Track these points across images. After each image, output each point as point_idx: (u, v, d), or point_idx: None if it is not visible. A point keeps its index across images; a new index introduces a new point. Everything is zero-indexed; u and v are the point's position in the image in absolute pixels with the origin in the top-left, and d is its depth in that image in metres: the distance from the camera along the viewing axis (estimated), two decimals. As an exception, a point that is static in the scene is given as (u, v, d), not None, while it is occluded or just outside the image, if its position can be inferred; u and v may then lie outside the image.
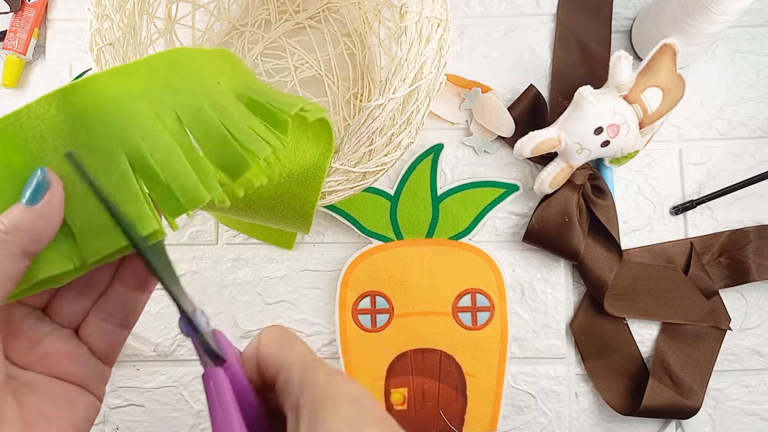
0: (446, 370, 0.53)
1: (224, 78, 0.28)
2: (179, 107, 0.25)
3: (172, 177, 0.23)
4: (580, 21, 0.56)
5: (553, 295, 0.54)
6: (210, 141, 0.25)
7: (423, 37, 0.36)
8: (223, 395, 0.22)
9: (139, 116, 0.23)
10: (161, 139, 0.23)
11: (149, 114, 0.24)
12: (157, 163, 0.23)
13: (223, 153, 0.25)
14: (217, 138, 0.25)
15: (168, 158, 0.23)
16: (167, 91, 0.25)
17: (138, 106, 0.23)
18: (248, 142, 0.26)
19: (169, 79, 0.25)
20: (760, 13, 0.56)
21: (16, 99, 0.57)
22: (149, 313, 0.55)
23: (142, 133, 0.23)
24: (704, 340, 0.52)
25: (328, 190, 0.39)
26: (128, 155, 0.23)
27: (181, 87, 0.25)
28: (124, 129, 0.23)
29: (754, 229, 0.53)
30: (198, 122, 0.25)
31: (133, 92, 0.24)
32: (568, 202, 0.51)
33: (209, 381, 0.23)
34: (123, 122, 0.23)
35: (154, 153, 0.23)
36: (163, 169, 0.23)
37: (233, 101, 0.28)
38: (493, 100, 0.53)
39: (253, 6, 0.57)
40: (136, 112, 0.23)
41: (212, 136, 0.25)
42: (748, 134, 0.55)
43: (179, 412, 0.55)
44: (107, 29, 0.39)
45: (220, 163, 0.25)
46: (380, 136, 0.37)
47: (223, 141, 0.25)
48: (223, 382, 0.22)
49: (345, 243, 0.55)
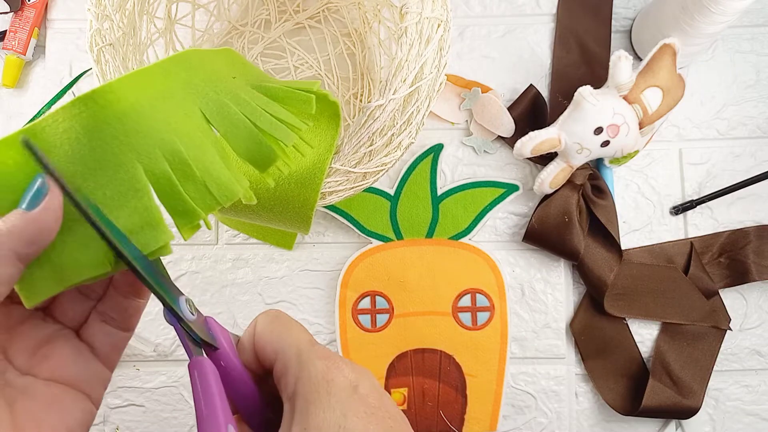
0: (446, 370, 0.53)
1: (237, 73, 0.29)
2: (203, 105, 0.25)
3: (206, 173, 0.23)
4: (580, 21, 0.56)
5: (553, 295, 0.54)
6: (237, 136, 0.25)
7: (423, 38, 0.35)
8: (207, 384, 0.22)
9: (168, 116, 0.23)
10: (194, 137, 0.24)
11: (178, 113, 0.24)
12: (192, 160, 0.23)
13: (250, 146, 0.26)
14: (244, 132, 0.26)
15: (202, 155, 0.23)
16: (189, 90, 0.25)
17: (163, 106, 0.23)
18: (274, 131, 0.26)
19: (189, 78, 0.25)
20: (760, 13, 0.56)
21: (16, 99, 0.57)
22: (149, 313, 0.55)
23: (176, 132, 0.23)
24: (704, 340, 0.52)
25: (329, 191, 0.39)
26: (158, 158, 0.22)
27: (201, 85, 0.25)
28: (150, 133, 0.22)
29: (754, 229, 0.53)
30: (223, 118, 0.25)
31: (154, 95, 0.23)
32: (568, 202, 0.51)
33: (193, 371, 0.22)
34: (148, 127, 0.22)
35: (188, 150, 0.23)
36: (198, 166, 0.23)
37: (252, 92, 0.28)
38: (493, 100, 0.53)
39: (253, 6, 0.57)
40: (164, 113, 0.23)
41: (238, 131, 0.25)
42: (748, 134, 0.55)
43: (179, 412, 0.55)
44: (107, 29, 0.39)
45: (249, 156, 0.26)
46: (380, 137, 0.37)
47: (249, 135, 0.26)
48: (208, 373, 0.22)
49: (345, 243, 0.55)
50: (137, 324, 0.26)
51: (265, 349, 0.23)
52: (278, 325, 0.24)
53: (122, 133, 0.22)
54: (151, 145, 0.22)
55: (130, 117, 0.22)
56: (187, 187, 0.23)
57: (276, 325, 0.24)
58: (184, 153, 0.23)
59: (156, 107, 0.23)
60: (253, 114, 0.26)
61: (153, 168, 0.22)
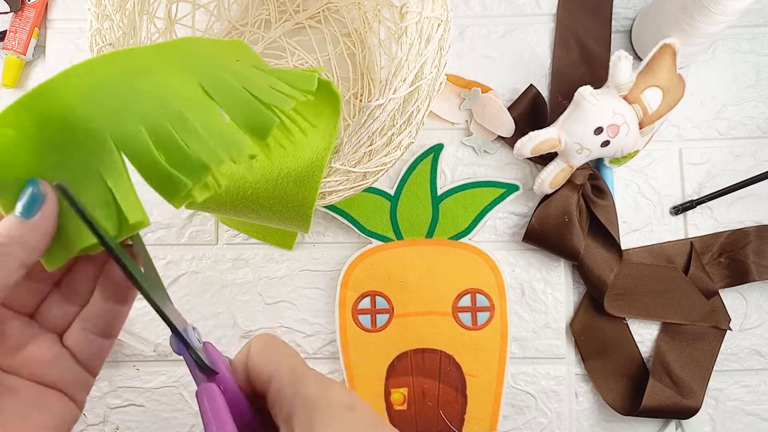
0: (446, 370, 0.53)
1: (241, 57, 0.30)
2: (201, 79, 0.26)
3: (211, 130, 0.24)
4: (580, 21, 0.56)
5: (553, 295, 0.54)
6: (235, 104, 0.26)
7: (423, 38, 0.35)
8: (217, 411, 0.22)
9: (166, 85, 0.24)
10: (193, 99, 0.24)
11: (172, 83, 0.24)
12: (196, 118, 0.24)
13: (248, 114, 0.26)
14: (241, 100, 0.26)
15: (207, 114, 0.24)
16: (187, 66, 0.26)
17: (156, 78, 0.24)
18: (270, 99, 0.27)
19: (187, 57, 0.26)
20: (760, 13, 0.56)
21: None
22: (149, 313, 0.55)
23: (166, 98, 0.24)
24: (704, 340, 0.52)
25: (328, 190, 0.39)
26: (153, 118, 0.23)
27: (200, 62, 0.26)
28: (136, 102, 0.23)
29: (754, 229, 0.53)
30: (221, 90, 0.26)
31: (146, 67, 0.24)
32: (568, 202, 0.51)
33: (203, 397, 0.23)
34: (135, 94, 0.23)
35: (191, 113, 0.24)
36: (203, 125, 0.24)
37: (252, 70, 0.29)
38: (493, 100, 0.53)
39: (253, 6, 0.57)
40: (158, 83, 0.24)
41: (236, 100, 0.26)
42: (748, 134, 0.55)
43: (179, 412, 0.55)
44: (107, 29, 0.39)
45: (247, 125, 0.26)
46: (380, 137, 0.37)
47: (246, 102, 0.26)
48: (217, 398, 0.22)
49: (345, 243, 0.55)
50: (119, 332, 0.27)
51: (259, 372, 0.24)
52: (272, 349, 0.24)
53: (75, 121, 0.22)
54: (101, 130, 0.22)
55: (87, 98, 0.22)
56: (190, 145, 0.23)
57: (270, 348, 0.24)
58: (182, 111, 0.23)
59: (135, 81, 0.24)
60: (251, 86, 0.27)
61: (98, 156, 0.22)
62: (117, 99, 0.23)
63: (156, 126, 0.23)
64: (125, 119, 0.23)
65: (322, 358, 0.55)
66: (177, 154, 0.23)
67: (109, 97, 0.23)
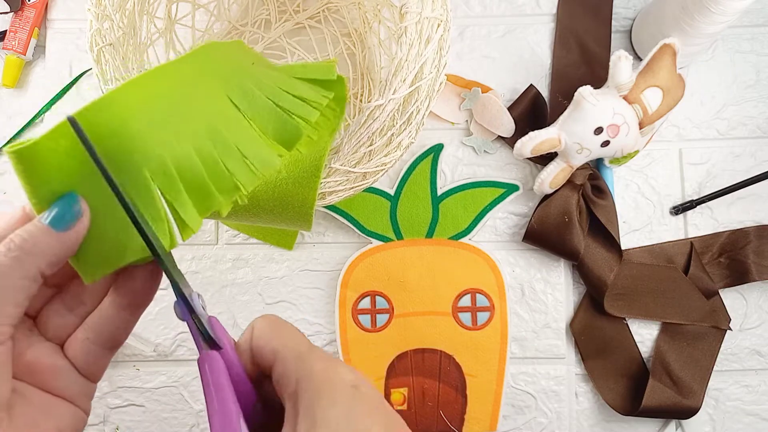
0: (446, 370, 0.53)
1: (254, 60, 0.30)
2: (230, 91, 0.26)
3: (246, 148, 0.25)
4: (580, 21, 0.56)
5: (553, 295, 0.54)
6: (263, 117, 0.27)
7: (423, 38, 0.35)
8: (218, 377, 0.22)
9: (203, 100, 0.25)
10: (229, 117, 0.25)
11: (211, 98, 0.25)
12: (231, 136, 0.24)
13: (277, 127, 0.27)
14: (269, 114, 0.27)
15: (239, 131, 0.25)
16: (216, 78, 0.26)
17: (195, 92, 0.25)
18: (297, 110, 0.28)
19: (216, 68, 0.27)
20: (760, 13, 0.56)
21: (16, 99, 0.57)
22: (149, 313, 0.55)
23: (213, 113, 0.24)
24: (704, 340, 0.52)
25: (328, 191, 0.39)
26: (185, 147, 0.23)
27: (226, 73, 0.27)
28: (183, 121, 0.24)
29: (754, 229, 0.53)
30: (249, 102, 0.27)
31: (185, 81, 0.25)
32: (568, 202, 0.51)
33: (204, 364, 0.23)
34: (181, 113, 0.24)
35: (226, 130, 0.25)
36: (238, 143, 0.25)
37: (271, 74, 0.29)
38: (493, 100, 0.53)
39: (253, 6, 0.57)
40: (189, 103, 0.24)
41: (264, 113, 0.27)
42: (748, 134, 0.55)
43: (179, 412, 0.55)
44: (107, 29, 0.39)
45: (276, 136, 0.27)
46: (380, 137, 0.37)
47: (275, 116, 0.27)
48: (218, 365, 0.22)
49: (345, 243, 0.55)
50: (123, 343, 0.26)
51: (263, 350, 0.23)
52: (276, 328, 0.24)
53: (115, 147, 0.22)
54: (139, 156, 0.22)
55: (127, 125, 0.22)
56: (227, 159, 0.24)
57: (274, 327, 0.24)
58: (220, 129, 0.24)
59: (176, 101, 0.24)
60: (275, 95, 0.28)
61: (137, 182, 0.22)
62: (166, 117, 0.23)
63: (202, 146, 0.24)
64: (177, 139, 0.23)
65: (322, 358, 0.55)
66: (217, 175, 0.24)
67: (159, 114, 0.23)
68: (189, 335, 0.55)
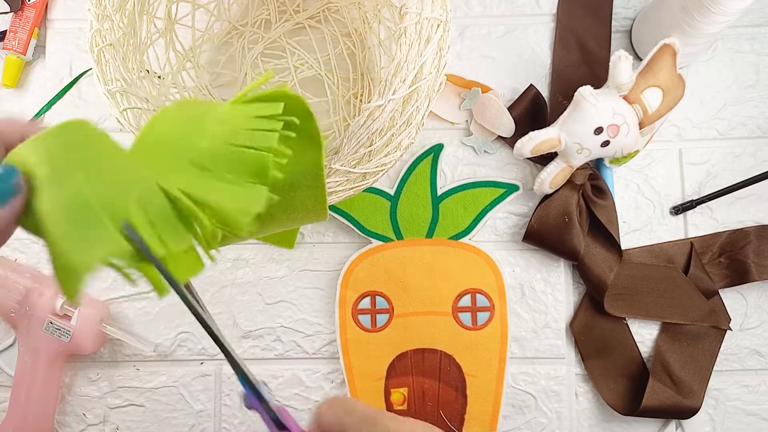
0: (446, 370, 0.53)
1: (204, 112, 0.30)
2: (191, 155, 0.27)
3: (220, 202, 0.26)
4: (580, 21, 0.56)
5: (553, 295, 0.54)
6: (228, 164, 0.28)
7: (423, 38, 0.36)
8: None
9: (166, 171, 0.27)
10: (199, 181, 0.27)
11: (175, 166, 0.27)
12: (203, 193, 0.26)
13: (242, 166, 0.28)
14: (232, 158, 0.28)
15: (209, 190, 0.26)
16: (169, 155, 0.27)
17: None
18: (255, 142, 0.28)
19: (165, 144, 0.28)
20: (760, 13, 0.56)
21: (16, 99, 0.57)
22: (149, 313, 0.55)
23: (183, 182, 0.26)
24: (704, 340, 0.52)
25: (329, 191, 0.39)
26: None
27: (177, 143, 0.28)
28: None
29: (754, 229, 0.53)
30: (212, 157, 0.27)
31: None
32: (568, 202, 0.51)
33: None
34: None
35: (198, 192, 0.26)
36: (215, 199, 0.26)
37: (226, 116, 0.29)
38: (493, 100, 0.53)
39: (253, 6, 0.57)
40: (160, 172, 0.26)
41: (228, 161, 0.28)
42: (748, 134, 0.55)
43: (179, 412, 0.55)
44: (107, 29, 0.39)
45: (245, 172, 0.28)
46: (380, 137, 0.37)
47: (238, 158, 0.28)
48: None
49: (345, 243, 0.55)
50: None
51: (331, 425, 0.24)
52: (342, 404, 0.25)
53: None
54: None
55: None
56: (212, 217, 0.26)
57: (340, 403, 0.25)
58: (196, 192, 0.26)
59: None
60: (232, 137, 0.28)
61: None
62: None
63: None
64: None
65: (322, 358, 0.55)
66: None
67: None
68: (189, 335, 0.55)
